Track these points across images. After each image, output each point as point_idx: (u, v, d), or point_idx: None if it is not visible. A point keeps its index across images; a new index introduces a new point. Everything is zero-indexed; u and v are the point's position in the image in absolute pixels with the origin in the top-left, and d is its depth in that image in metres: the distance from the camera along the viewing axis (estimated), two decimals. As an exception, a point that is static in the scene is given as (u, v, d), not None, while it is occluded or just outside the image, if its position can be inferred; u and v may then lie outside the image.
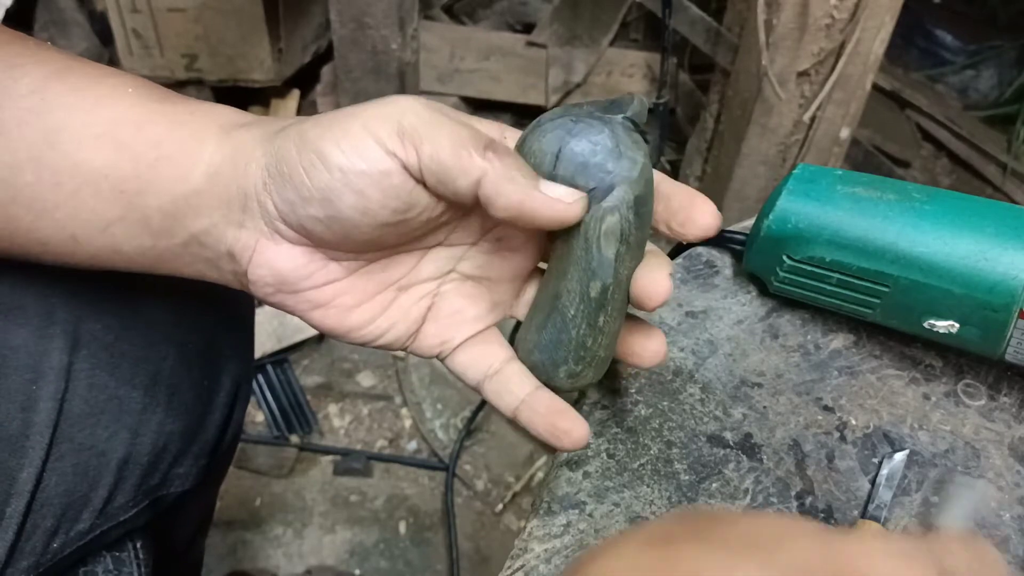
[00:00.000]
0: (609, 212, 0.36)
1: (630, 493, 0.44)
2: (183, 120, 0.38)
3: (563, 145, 0.35)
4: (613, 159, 0.35)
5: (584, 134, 0.35)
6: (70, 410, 0.46)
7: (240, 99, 1.57)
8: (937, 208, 0.46)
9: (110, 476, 0.48)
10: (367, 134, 0.35)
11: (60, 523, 0.46)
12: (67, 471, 0.46)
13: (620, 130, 0.36)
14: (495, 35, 1.69)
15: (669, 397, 0.48)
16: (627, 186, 0.35)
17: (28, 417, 0.45)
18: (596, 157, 0.35)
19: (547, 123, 0.36)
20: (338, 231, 0.36)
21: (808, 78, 1.13)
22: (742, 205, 1.29)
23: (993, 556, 0.29)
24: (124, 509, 0.50)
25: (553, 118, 0.36)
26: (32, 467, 0.45)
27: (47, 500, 0.46)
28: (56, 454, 0.46)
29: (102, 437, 0.48)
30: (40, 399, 0.45)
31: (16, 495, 0.44)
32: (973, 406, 0.49)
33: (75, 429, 0.46)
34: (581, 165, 0.35)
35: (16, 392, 0.44)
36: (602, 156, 0.35)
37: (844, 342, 0.52)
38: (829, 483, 0.45)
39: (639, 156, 0.36)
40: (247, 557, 1.10)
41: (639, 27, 1.75)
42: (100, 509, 0.48)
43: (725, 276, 0.55)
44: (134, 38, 1.42)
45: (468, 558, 1.14)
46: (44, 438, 0.45)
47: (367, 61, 1.31)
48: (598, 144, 0.35)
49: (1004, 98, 1.81)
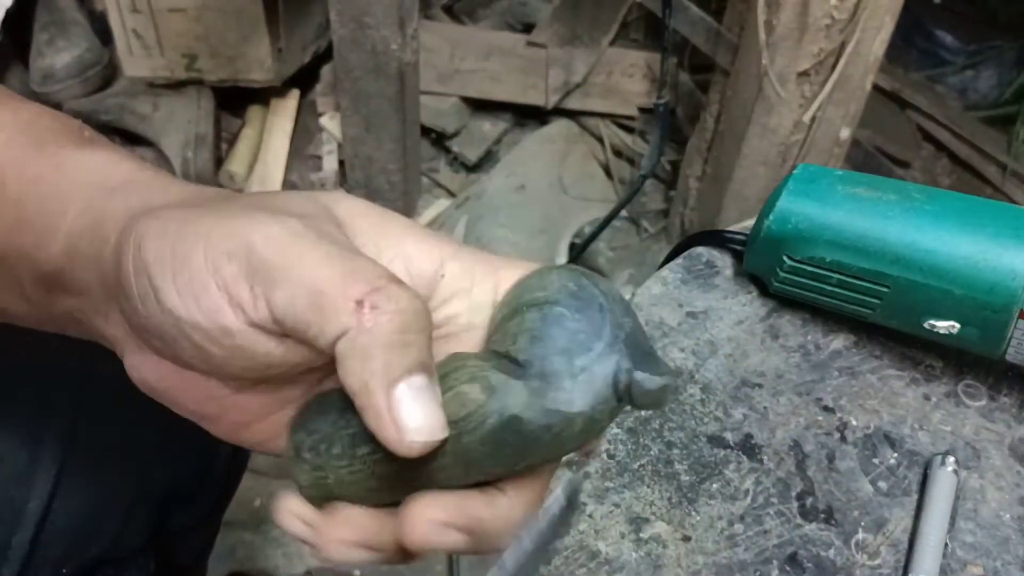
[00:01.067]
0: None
1: (630, 494, 0.44)
2: (47, 175, 0.31)
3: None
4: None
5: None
6: (79, 446, 0.46)
7: (240, 99, 1.57)
8: (937, 208, 0.46)
9: (121, 512, 0.48)
10: (208, 272, 0.26)
11: (70, 553, 0.46)
12: (76, 506, 0.46)
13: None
14: (495, 35, 1.69)
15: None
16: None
17: (35, 451, 0.44)
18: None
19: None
20: (193, 367, 0.29)
21: (808, 78, 1.13)
22: (742, 205, 1.29)
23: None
24: (133, 539, 0.50)
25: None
26: (39, 500, 0.44)
27: (55, 532, 0.45)
28: (64, 489, 0.45)
29: (113, 474, 0.48)
30: (47, 434, 0.45)
31: (23, 526, 0.44)
32: (973, 406, 0.49)
33: (84, 465, 0.46)
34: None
35: (23, 426, 0.44)
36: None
37: (844, 342, 0.52)
38: (830, 483, 0.45)
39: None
40: (247, 558, 1.10)
41: (639, 27, 1.75)
42: (111, 541, 0.48)
43: (725, 276, 0.55)
44: (134, 38, 1.42)
45: (468, 558, 1.14)
46: (51, 473, 0.45)
47: (367, 61, 1.31)
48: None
49: (1004, 98, 1.81)
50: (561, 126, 1.63)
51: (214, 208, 0.28)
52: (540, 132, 1.62)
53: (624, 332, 0.29)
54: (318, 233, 0.27)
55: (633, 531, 0.42)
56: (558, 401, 0.28)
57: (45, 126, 0.33)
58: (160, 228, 0.28)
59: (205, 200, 0.29)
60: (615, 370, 0.28)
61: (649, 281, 0.54)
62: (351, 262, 0.26)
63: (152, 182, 0.31)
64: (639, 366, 0.28)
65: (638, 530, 0.43)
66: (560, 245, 1.40)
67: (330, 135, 1.57)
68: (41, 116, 0.34)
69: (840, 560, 0.42)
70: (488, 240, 1.39)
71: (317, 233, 0.27)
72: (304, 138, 1.60)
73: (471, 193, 1.54)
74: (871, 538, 0.43)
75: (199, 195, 0.30)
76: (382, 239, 0.30)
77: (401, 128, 1.40)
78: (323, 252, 0.26)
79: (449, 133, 1.58)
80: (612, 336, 0.29)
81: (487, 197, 1.47)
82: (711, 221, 1.35)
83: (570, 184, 1.52)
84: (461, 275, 0.30)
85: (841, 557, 0.43)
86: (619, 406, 0.29)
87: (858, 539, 0.43)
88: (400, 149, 1.43)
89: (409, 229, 0.31)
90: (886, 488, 0.45)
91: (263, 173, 1.52)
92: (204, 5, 1.38)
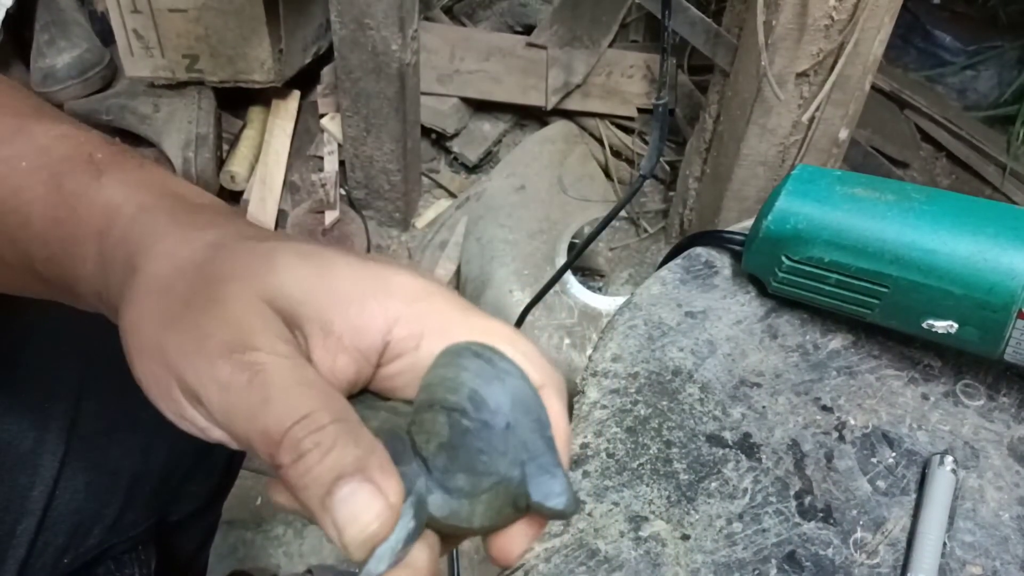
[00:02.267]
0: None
1: (629, 492, 0.44)
2: (66, 219, 0.34)
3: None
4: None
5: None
6: (82, 429, 0.46)
7: (241, 100, 1.57)
8: (936, 209, 0.46)
9: (121, 494, 0.48)
10: (172, 379, 0.30)
11: (71, 540, 0.46)
12: (79, 489, 0.46)
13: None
14: (495, 36, 1.69)
15: (668, 397, 0.48)
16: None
17: (40, 435, 0.45)
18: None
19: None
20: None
21: (807, 79, 1.13)
22: (741, 206, 1.29)
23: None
24: (134, 525, 0.50)
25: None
26: (44, 485, 0.45)
27: (59, 518, 0.46)
28: (68, 473, 0.46)
29: (114, 456, 0.48)
30: (52, 417, 0.45)
31: (28, 513, 0.44)
32: (972, 406, 0.49)
33: (87, 448, 0.46)
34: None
35: (28, 410, 0.44)
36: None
37: (843, 342, 0.52)
38: (828, 483, 0.45)
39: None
40: (248, 556, 1.10)
41: (639, 28, 1.75)
42: (110, 525, 0.48)
43: (724, 276, 0.55)
44: (135, 39, 1.42)
45: (468, 557, 1.14)
46: (56, 457, 0.45)
47: (367, 62, 1.32)
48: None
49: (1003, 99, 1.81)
50: (561, 127, 1.63)
51: (182, 315, 0.30)
52: (540, 133, 1.62)
53: (527, 453, 0.30)
54: (249, 383, 0.28)
55: (632, 530, 0.43)
56: (459, 516, 0.30)
57: (61, 156, 0.35)
58: (142, 322, 0.30)
59: (188, 282, 0.31)
60: (515, 495, 0.30)
61: (648, 281, 0.54)
62: (262, 417, 0.28)
63: (152, 229, 0.33)
64: (541, 487, 0.30)
65: (637, 529, 0.43)
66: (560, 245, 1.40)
67: (331, 136, 1.57)
68: (57, 141, 0.35)
69: (839, 559, 0.42)
70: (488, 240, 1.39)
71: (248, 382, 0.28)
72: (305, 139, 1.60)
73: (471, 193, 1.54)
74: (870, 537, 0.44)
75: (189, 264, 0.31)
76: (327, 311, 0.31)
77: (401, 128, 1.40)
78: (244, 413, 0.28)
79: (449, 134, 1.58)
80: (515, 459, 0.30)
81: (487, 197, 1.47)
82: (710, 221, 1.35)
83: (570, 184, 1.52)
84: (407, 337, 0.31)
85: (840, 556, 0.43)
86: (523, 513, 0.30)
87: (856, 538, 0.43)
88: (400, 149, 1.43)
89: (355, 292, 0.31)
90: (884, 487, 0.46)
91: (264, 173, 1.52)
92: (205, 6, 1.38)
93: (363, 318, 0.31)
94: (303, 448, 0.28)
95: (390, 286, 0.32)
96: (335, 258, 0.32)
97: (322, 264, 0.31)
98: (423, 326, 0.31)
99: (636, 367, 0.49)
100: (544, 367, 0.32)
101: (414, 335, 0.31)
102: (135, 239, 0.32)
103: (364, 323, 0.31)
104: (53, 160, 0.35)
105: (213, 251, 0.31)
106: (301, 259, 0.31)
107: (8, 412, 0.45)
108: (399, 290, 0.32)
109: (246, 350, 0.29)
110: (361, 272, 0.32)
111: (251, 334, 0.29)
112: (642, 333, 0.51)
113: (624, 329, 0.51)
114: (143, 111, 1.51)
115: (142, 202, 0.33)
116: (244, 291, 0.30)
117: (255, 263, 0.31)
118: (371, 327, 0.31)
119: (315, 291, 0.31)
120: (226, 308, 0.30)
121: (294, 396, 0.28)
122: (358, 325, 0.31)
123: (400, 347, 0.31)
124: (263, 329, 0.30)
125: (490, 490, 0.30)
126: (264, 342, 0.29)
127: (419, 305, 0.32)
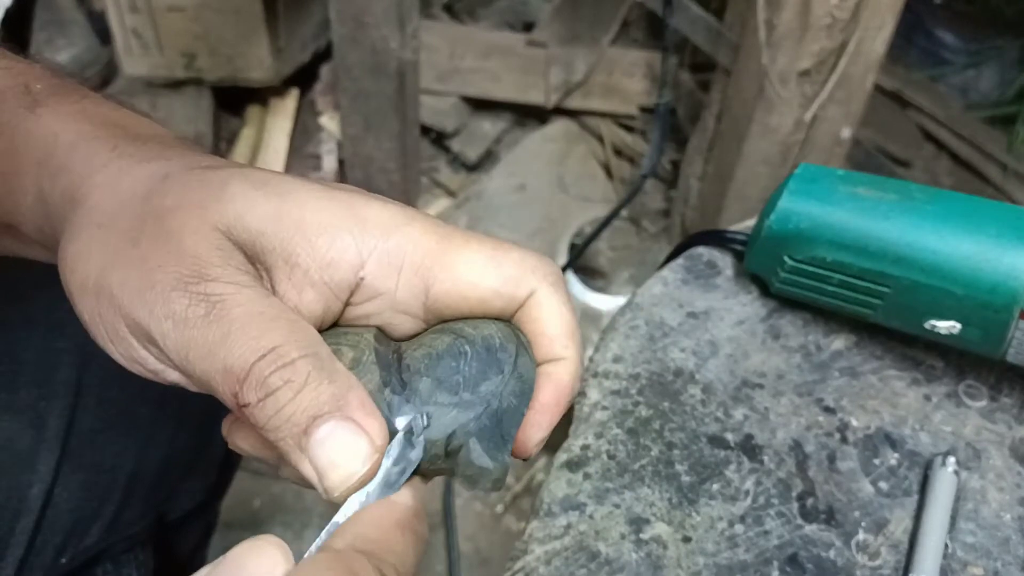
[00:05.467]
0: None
1: (631, 494, 0.44)
2: (3, 150, 0.32)
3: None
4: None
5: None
6: (79, 426, 0.46)
7: (239, 98, 1.57)
8: (938, 208, 0.46)
9: (119, 491, 0.48)
10: (119, 320, 0.28)
11: (69, 539, 0.46)
12: (77, 487, 0.46)
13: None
14: (495, 34, 1.69)
15: (670, 398, 0.48)
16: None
17: (38, 433, 0.44)
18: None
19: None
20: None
21: (809, 78, 1.13)
22: (743, 205, 1.29)
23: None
24: (132, 524, 0.50)
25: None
26: (42, 483, 0.44)
27: (57, 516, 0.45)
28: (66, 470, 0.46)
29: (111, 453, 0.48)
30: (49, 415, 0.45)
31: (26, 511, 0.44)
32: (974, 407, 0.49)
33: (84, 445, 0.46)
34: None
35: (26, 408, 0.44)
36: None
37: (845, 343, 0.52)
38: (830, 484, 0.45)
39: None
40: (247, 557, 1.10)
41: (640, 26, 1.75)
42: (109, 524, 0.48)
43: (726, 276, 0.55)
44: (133, 37, 1.42)
45: (468, 559, 1.14)
46: (53, 454, 0.45)
47: (366, 60, 1.31)
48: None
49: (1005, 98, 1.80)
50: (561, 126, 1.63)
51: (128, 251, 0.28)
52: (540, 132, 1.62)
53: (499, 405, 0.29)
54: (206, 316, 0.26)
55: (633, 532, 0.42)
56: (403, 412, 0.28)
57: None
58: (83, 256, 0.28)
59: (132, 214, 0.29)
60: (457, 425, 0.28)
61: (650, 281, 0.54)
62: (222, 353, 0.26)
63: (92, 159, 0.30)
64: (483, 441, 0.28)
65: (638, 531, 0.42)
66: (560, 245, 1.40)
67: (329, 134, 1.57)
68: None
69: (840, 561, 0.42)
70: (488, 239, 1.39)
71: (205, 315, 0.26)
72: (303, 137, 1.60)
73: (471, 193, 1.54)
74: (872, 539, 0.43)
75: (134, 197, 0.29)
76: (292, 242, 0.28)
77: (401, 127, 1.40)
78: (202, 349, 0.26)
79: (449, 132, 1.58)
80: (483, 401, 0.29)
81: (487, 197, 1.47)
82: (712, 221, 1.34)
83: (570, 184, 1.52)
84: (384, 276, 0.29)
85: (842, 558, 0.42)
86: (443, 461, 0.29)
87: (859, 540, 0.43)
88: (400, 148, 1.43)
89: (323, 222, 0.29)
90: (887, 489, 0.45)
91: (263, 172, 1.52)
92: (203, 4, 1.38)
93: (333, 251, 0.28)
94: (271, 385, 0.25)
95: (363, 217, 0.29)
96: (298, 185, 0.29)
97: (284, 192, 0.29)
98: (401, 261, 0.29)
99: (637, 368, 0.49)
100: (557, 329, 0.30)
101: (392, 271, 0.29)
102: (75, 169, 0.30)
103: (335, 257, 0.28)
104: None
105: (160, 182, 0.29)
106: (260, 187, 0.29)
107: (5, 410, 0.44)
108: (373, 222, 0.29)
109: (202, 281, 0.26)
110: (329, 201, 0.29)
111: (207, 265, 0.27)
112: (643, 334, 0.51)
113: (625, 329, 0.51)
114: (141, 110, 1.51)
115: (81, 131, 0.31)
116: (197, 222, 0.28)
117: (208, 193, 0.28)
118: (342, 262, 0.28)
119: (278, 221, 0.28)
120: (179, 241, 0.27)
121: (257, 328, 0.26)
122: (328, 259, 0.28)
123: (376, 285, 0.29)
124: (220, 260, 0.27)
125: (442, 406, 0.28)
126: (222, 272, 0.27)
127: (395, 238, 0.29)
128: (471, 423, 0.28)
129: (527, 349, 0.31)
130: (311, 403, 0.25)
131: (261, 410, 0.26)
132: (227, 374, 0.26)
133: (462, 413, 0.28)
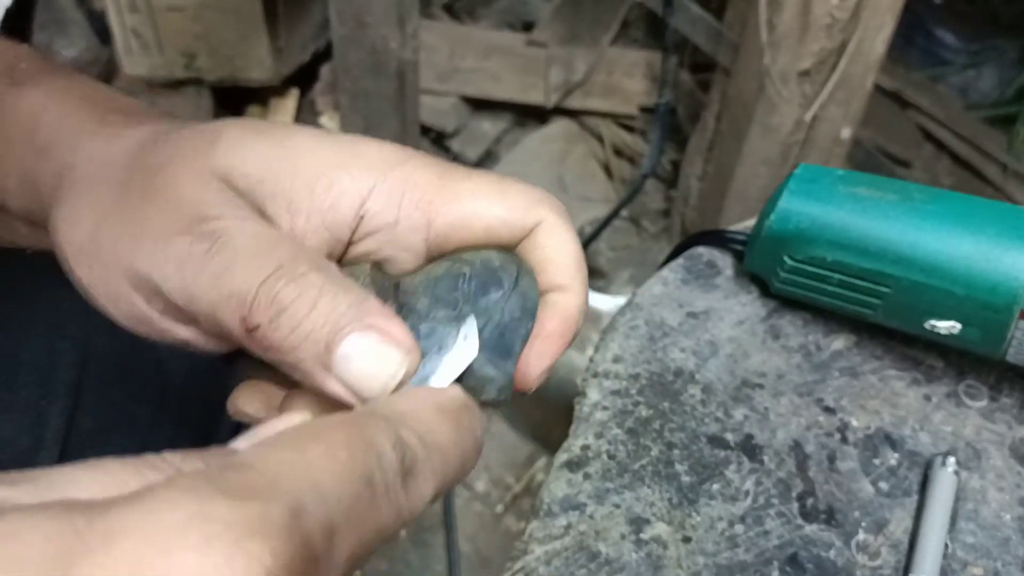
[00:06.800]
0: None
1: (631, 495, 0.44)
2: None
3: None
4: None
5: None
6: (80, 426, 0.46)
7: (239, 98, 1.57)
8: (938, 208, 0.46)
9: None
10: (121, 275, 0.27)
11: None
12: None
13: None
14: (495, 34, 1.69)
15: (670, 398, 0.48)
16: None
17: (38, 433, 0.44)
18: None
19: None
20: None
21: (809, 78, 1.13)
22: (743, 205, 1.29)
23: (469, 422, 0.23)
24: None
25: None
26: None
27: None
28: None
29: (111, 453, 0.48)
30: (50, 414, 0.45)
31: None
32: (974, 407, 0.49)
33: (85, 445, 0.46)
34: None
35: (26, 407, 0.44)
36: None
37: (845, 343, 0.52)
38: (831, 484, 0.45)
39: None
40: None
41: (640, 26, 1.75)
42: None
43: (726, 276, 0.55)
44: (133, 37, 1.42)
45: (468, 559, 1.14)
46: (53, 454, 0.45)
47: (366, 60, 1.31)
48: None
49: (1005, 98, 1.80)
50: (561, 125, 1.63)
51: (123, 206, 0.27)
52: (540, 132, 1.62)
53: (501, 318, 0.28)
54: (209, 250, 0.25)
55: (633, 532, 0.42)
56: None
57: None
58: (75, 219, 0.27)
59: (123, 171, 0.28)
60: (459, 334, 0.28)
61: (650, 281, 0.54)
62: (227, 279, 0.25)
63: (79, 132, 0.30)
64: (486, 351, 0.28)
65: (638, 531, 0.42)
66: (560, 244, 1.40)
67: (330, 134, 1.57)
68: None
69: (841, 561, 0.42)
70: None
71: (208, 250, 0.25)
72: (304, 137, 1.60)
73: (471, 192, 1.53)
74: (872, 539, 0.43)
75: (125, 156, 0.28)
76: (292, 188, 0.28)
77: (401, 127, 1.40)
78: (207, 282, 0.25)
79: (449, 132, 1.58)
80: (483, 313, 0.28)
81: (487, 196, 1.47)
82: (712, 221, 1.34)
83: (570, 184, 1.52)
84: (384, 212, 0.28)
85: (842, 558, 0.42)
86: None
87: (859, 540, 0.43)
88: (400, 148, 1.43)
89: (321, 165, 0.28)
90: (887, 489, 0.45)
91: (263, 172, 1.52)
92: (203, 4, 1.38)
93: (333, 193, 0.28)
94: (283, 300, 0.24)
95: (360, 155, 0.28)
96: (294, 131, 0.29)
97: (280, 137, 0.28)
98: (401, 196, 0.28)
99: (637, 368, 0.49)
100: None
101: (391, 206, 0.28)
102: (63, 142, 0.29)
103: (335, 198, 0.28)
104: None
105: (151, 142, 0.28)
106: (256, 133, 0.28)
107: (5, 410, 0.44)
108: (371, 159, 0.28)
109: (203, 221, 0.25)
110: (325, 144, 0.28)
111: (208, 206, 0.26)
112: (643, 334, 0.51)
113: (625, 330, 0.51)
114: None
115: (65, 108, 0.30)
116: (193, 170, 0.27)
117: (203, 140, 0.28)
118: (343, 202, 0.28)
119: (276, 166, 0.27)
120: (175, 189, 0.26)
121: (263, 252, 0.25)
122: (328, 201, 0.28)
123: (376, 221, 0.28)
124: (221, 200, 0.26)
125: (440, 320, 0.28)
126: (223, 211, 0.26)
127: (394, 173, 0.28)
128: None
129: (529, 272, 0.30)
130: (330, 315, 0.24)
131: (275, 330, 0.24)
132: (234, 298, 0.24)
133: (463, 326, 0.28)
